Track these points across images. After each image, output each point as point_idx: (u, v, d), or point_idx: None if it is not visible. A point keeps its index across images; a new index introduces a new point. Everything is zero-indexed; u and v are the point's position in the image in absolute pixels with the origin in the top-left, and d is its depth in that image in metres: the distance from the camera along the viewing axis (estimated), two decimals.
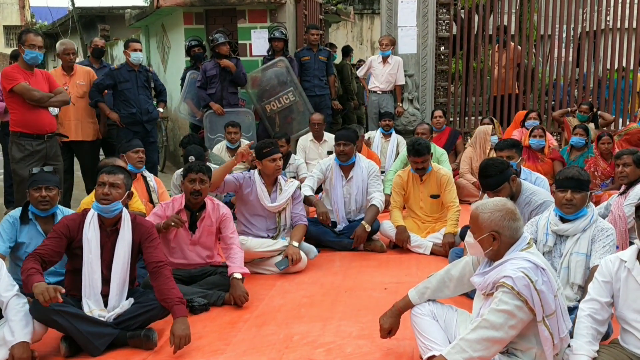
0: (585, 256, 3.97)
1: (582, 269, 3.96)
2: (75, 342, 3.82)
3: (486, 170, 4.64)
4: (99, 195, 3.98)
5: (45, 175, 4.51)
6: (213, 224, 4.96)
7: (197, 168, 4.88)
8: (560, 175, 4.11)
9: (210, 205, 4.98)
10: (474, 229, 3.32)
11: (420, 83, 10.01)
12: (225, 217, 5.00)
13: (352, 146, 6.23)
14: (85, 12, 19.45)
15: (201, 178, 4.85)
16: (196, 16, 10.03)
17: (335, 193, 6.30)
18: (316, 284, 5.19)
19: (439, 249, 5.87)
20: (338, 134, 6.34)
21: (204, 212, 4.95)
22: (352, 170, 6.28)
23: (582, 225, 4.01)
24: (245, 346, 3.95)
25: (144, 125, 7.71)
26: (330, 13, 13.86)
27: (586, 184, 4.02)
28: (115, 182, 3.99)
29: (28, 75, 5.98)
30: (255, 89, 9.26)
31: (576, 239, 4.01)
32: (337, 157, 6.28)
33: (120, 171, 4.12)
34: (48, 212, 4.48)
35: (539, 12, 10.48)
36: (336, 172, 6.30)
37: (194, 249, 4.97)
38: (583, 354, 3.13)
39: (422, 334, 3.51)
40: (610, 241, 3.95)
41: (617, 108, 10.36)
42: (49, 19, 24.48)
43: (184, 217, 4.90)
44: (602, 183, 7.40)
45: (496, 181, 4.58)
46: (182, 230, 4.90)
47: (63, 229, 3.96)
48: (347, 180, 6.30)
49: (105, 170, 4.09)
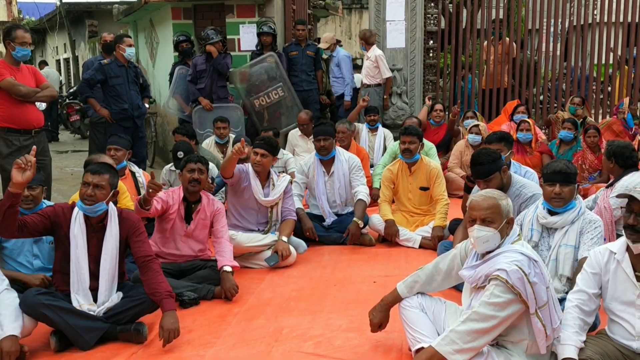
0: (573, 248, 3.98)
1: (570, 261, 3.98)
2: (65, 336, 3.82)
3: (478, 158, 4.66)
4: (83, 196, 3.94)
5: None
6: (207, 218, 5.00)
7: (196, 159, 4.97)
8: (548, 168, 4.11)
9: (205, 199, 5.03)
10: (494, 218, 3.28)
11: (408, 77, 10.02)
12: (219, 211, 5.05)
13: (331, 140, 6.26)
14: (73, 7, 19.32)
15: (200, 168, 4.91)
16: (184, 11, 9.99)
17: (318, 189, 6.32)
18: (305, 277, 5.20)
19: (428, 243, 5.89)
20: (317, 129, 6.34)
21: (199, 205, 4.98)
22: (333, 165, 6.30)
23: (570, 218, 4.02)
24: (235, 339, 3.96)
25: (135, 120, 7.71)
26: (319, 8, 13.85)
27: (573, 176, 4.04)
28: (99, 184, 3.93)
29: (14, 70, 5.96)
30: (244, 84, 9.23)
31: (564, 231, 4.03)
32: (318, 152, 6.28)
33: (106, 170, 4.04)
34: (32, 210, 4.44)
35: (526, 6, 10.50)
36: (318, 169, 6.32)
37: (187, 241, 4.99)
38: (570, 344, 3.16)
39: (411, 326, 3.52)
40: (598, 233, 3.97)
41: (604, 102, 10.45)
42: (36, 14, 24.32)
43: (181, 209, 4.94)
44: (590, 176, 7.44)
45: (488, 169, 4.59)
46: (178, 221, 4.93)
47: (50, 212, 3.96)
48: (329, 175, 6.32)
49: (90, 169, 4.02)
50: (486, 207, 3.31)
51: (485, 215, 3.30)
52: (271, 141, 5.70)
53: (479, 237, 3.28)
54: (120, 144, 5.96)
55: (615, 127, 8.47)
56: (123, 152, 5.93)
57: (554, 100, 10.47)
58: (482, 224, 3.29)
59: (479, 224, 3.30)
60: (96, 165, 4.11)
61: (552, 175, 4.03)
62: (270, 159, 5.63)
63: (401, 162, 6.25)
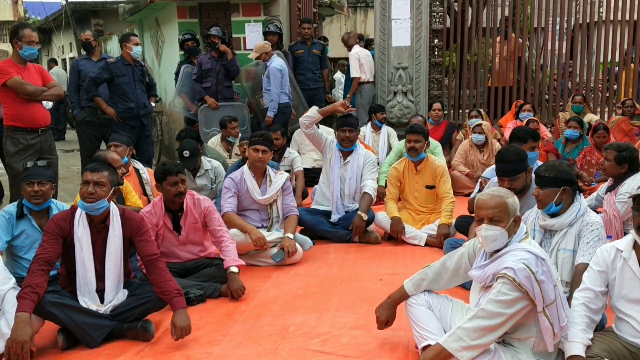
0: (572, 252, 3.91)
1: (568, 266, 3.91)
2: (72, 334, 3.83)
3: (506, 155, 4.62)
4: (84, 194, 3.93)
5: (38, 169, 4.51)
6: (197, 220, 4.92)
7: (175, 170, 4.74)
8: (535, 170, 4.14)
9: (190, 201, 4.90)
10: (501, 217, 3.28)
11: (414, 75, 10.00)
12: (209, 210, 4.93)
13: (355, 133, 6.30)
14: (79, 6, 19.37)
15: (182, 179, 4.76)
16: (190, 10, 10.01)
17: (332, 173, 6.32)
18: (311, 275, 5.21)
19: (434, 240, 5.89)
20: (341, 121, 6.35)
21: (184, 211, 4.87)
22: (350, 155, 6.32)
23: (568, 220, 3.94)
24: (242, 337, 3.97)
25: (141, 119, 7.73)
26: (324, 6, 13.82)
27: (551, 180, 3.94)
28: (99, 181, 3.93)
29: (21, 69, 5.98)
30: (250, 82, 9.25)
31: (562, 234, 3.96)
32: (340, 143, 6.30)
33: (105, 168, 4.04)
34: (41, 206, 4.47)
35: (532, 5, 10.48)
36: (336, 154, 6.34)
37: (184, 248, 4.95)
38: (578, 341, 3.15)
39: (418, 323, 3.52)
40: (594, 236, 3.85)
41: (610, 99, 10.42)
42: (42, 14, 24.34)
43: (167, 221, 4.84)
44: (597, 173, 7.42)
45: (514, 168, 4.54)
46: (168, 234, 4.87)
47: (56, 229, 3.92)
48: (344, 162, 6.33)
49: (89, 168, 4.02)
50: (493, 206, 3.31)
51: (492, 214, 3.29)
52: (269, 137, 5.80)
53: (487, 236, 3.28)
54: (120, 141, 5.98)
55: (625, 126, 8.43)
56: (123, 148, 5.94)
57: (559, 99, 10.44)
58: (490, 222, 3.29)
59: (486, 223, 3.30)
60: (95, 164, 4.11)
61: (536, 177, 4.05)
62: (270, 154, 5.72)
63: (407, 160, 6.25)
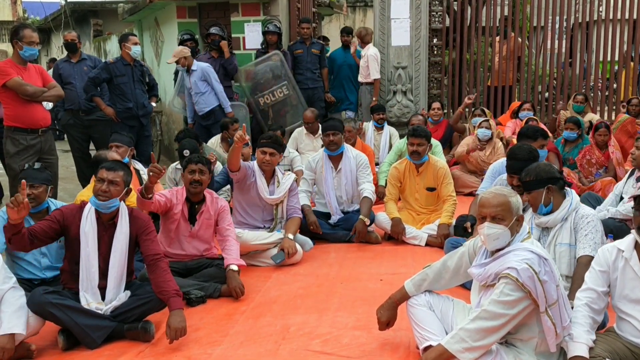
0: (568, 246, 4.01)
1: (566, 259, 4.00)
2: (72, 335, 3.83)
3: (518, 153, 4.68)
4: (97, 191, 3.98)
5: (32, 172, 4.51)
6: (212, 217, 5.00)
7: (196, 159, 4.94)
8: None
9: (209, 198, 5.01)
10: (504, 215, 3.28)
11: (413, 75, 9.99)
12: (223, 209, 5.03)
13: (340, 135, 6.27)
14: (78, 6, 19.31)
15: (200, 169, 4.89)
16: (189, 10, 9.99)
17: (326, 184, 6.31)
18: (312, 275, 5.20)
19: (434, 240, 5.88)
20: (325, 124, 6.36)
21: (203, 206, 4.98)
22: (341, 161, 6.30)
23: (561, 215, 4.03)
24: (242, 337, 3.97)
25: (140, 119, 7.72)
26: (323, 6, 13.81)
27: (533, 183, 4.06)
28: (114, 180, 3.99)
29: (21, 70, 5.97)
30: (249, 82, 9.24)
31: (558, 229, 4.04)
32: (327, 148, 6.29)
33: (121, 168, 4.12)
34: (36, 208, 4.45)
35: (531, 4, 10.49)
36: (326, 164, 6.32)
37: (192, 241, 4.99)
38: (582, 342, 3.15)
39: (419, 324, 3.52)
40: (591, 227, 3.96)
41: (609, 98, 10.42)
42: (41, 14, 24.30)
43: (185, 210, 4.93)
44: (597, 172, 7.43)
45: (525, 166, 4.52)
46: (182, 222, 4.93)
47: (58, 215, 3.99)
48: (336, 171, 6.31)
49: (105, 166, 4.08)
50: (496, 205, 3.31)
51: (495, 212, 3.29)
52: (277, 139, 5.74)
53: (489, 234, 3.28)
54: (121, 141, 5.98)
55: (631, 127, 8.38)
56: (124, 149, 5.94)
57: (559, 98, 10.44)
58: (492, 221, 3.28)
59: (489, 222, 3.29)
60: (111, 162, 4.17)
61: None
62: (278, 157, 5.69)
63: (408, 161, 6.23)
